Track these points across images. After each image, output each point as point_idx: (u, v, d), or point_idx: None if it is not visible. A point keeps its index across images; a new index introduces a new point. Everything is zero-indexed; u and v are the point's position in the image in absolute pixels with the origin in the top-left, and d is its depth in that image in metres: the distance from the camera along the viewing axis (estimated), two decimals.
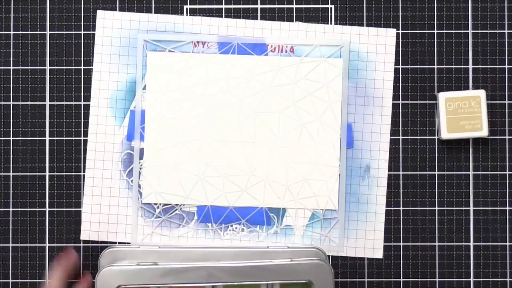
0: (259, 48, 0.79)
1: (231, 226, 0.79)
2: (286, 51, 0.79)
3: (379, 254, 0.79)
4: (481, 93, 0.77)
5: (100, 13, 0.79)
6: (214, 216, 0.79)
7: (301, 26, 0.79)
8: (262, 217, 0.79)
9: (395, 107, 0.79)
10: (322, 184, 0.79)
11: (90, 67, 0.79)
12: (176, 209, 0.79)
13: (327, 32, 0.79)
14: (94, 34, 0.79)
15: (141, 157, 0.79)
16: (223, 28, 0.79)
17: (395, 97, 0.79)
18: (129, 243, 0.79)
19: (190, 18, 0.79)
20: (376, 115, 0.79)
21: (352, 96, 0.79)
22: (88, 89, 0.79)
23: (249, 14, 0.79)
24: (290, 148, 0.78)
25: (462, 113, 0.77)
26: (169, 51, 0.79)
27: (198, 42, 0.79)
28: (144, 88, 0.79)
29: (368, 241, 0.79)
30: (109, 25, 0.79)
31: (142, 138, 0.79)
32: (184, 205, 0.79)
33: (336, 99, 0.79)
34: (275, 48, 0.79)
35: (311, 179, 0.79)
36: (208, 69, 0.79)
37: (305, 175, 0.79)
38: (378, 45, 0.79)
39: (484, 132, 0.77)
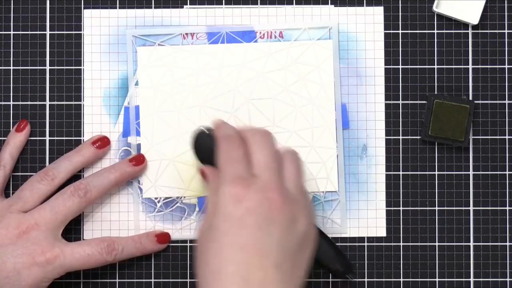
0: (248, 36, 0.79)
1: None
2: (275, 37, 0.79)
3: (382, 232, 0.78)
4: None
5: (87, 12, 0.79)
6: None
7: (288, 10, 0.79)
8: None
9: (395, 107, 0.79)
10: (320, 167, 0.79)
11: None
12: (177, 202, 0.79)
13: (315, 14, 0.79)
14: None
15: (138, 153, 0.79)
16: (210, 18, 0.79)
17: (395, 97, 0.79)
18: None
19: (177, 10, 0.79)
20: (369, 94, 0.79)
21: (344, 76, 0.79)
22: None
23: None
24: (286, 133, 0.78)
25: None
26: (159, 45, 0.79)
27: (186, 34, 0.79)
28: (137, 83, 0.79)
29: (370, 220, 0.79)
30: (97, 23, 0.79)
31: (138, 133, 0.79)
32: (184, 197, 0.79)
33: (328, 80, 0.79)
34: (264, 34, 0.79)
35: (310, 162, 0.79)
36: (198, 60, 0.79)
37: (303, 159, 0.79)
38: (366, 24, 0.79)
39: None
